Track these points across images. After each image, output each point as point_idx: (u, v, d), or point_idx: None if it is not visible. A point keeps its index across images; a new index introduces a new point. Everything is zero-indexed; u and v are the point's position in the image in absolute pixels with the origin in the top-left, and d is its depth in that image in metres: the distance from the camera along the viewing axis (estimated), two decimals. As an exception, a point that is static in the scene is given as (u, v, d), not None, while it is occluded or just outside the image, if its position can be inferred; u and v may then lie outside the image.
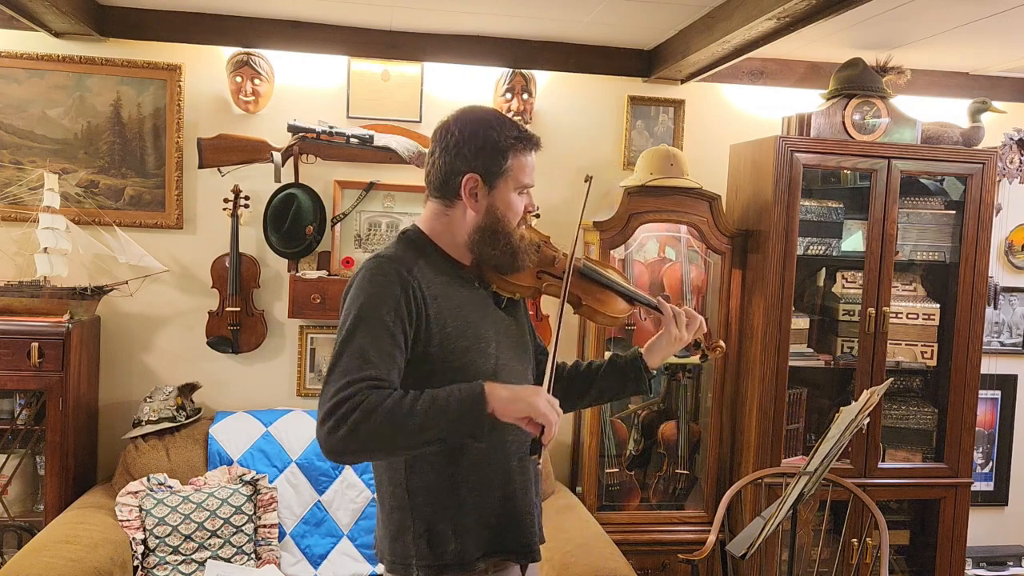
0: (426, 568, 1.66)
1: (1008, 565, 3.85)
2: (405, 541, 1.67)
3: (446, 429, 1.50)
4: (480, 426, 1.51)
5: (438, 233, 1.73)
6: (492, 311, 1.76)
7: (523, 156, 1.69)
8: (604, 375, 1.93)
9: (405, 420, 1.48)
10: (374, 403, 1.48)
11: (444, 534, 1.66)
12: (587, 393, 1.95)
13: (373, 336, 1.56)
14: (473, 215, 1.68)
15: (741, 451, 3.37)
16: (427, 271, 1.66)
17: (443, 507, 1.66)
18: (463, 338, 1.65)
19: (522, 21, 3.20)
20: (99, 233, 3.27)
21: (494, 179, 1.67)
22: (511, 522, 1.72)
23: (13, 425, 3.08)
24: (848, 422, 2.24)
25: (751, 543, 2.27)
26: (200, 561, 2.88)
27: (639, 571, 2.96)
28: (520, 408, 1.52)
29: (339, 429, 1.47)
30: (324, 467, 3.14)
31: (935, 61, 3.59)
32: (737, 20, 2.75)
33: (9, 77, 3.26)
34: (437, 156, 1.70)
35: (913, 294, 3.47)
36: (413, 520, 1.67)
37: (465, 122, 1.69)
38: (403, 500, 1.68)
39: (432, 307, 1.63)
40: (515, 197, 1.70)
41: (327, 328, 3.47)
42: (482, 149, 1.65)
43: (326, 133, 3.27)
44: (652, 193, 3.26)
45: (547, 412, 1.52)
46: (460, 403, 1.51)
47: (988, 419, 3.93)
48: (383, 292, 1.60)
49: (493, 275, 1.75)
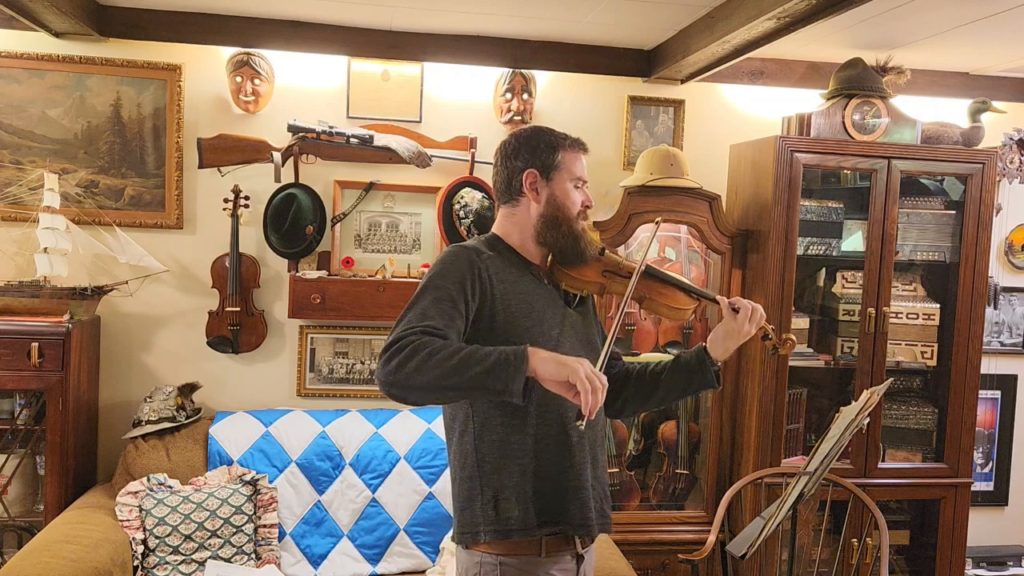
0: (493, 533, 1.79)
1: (1008, 565, 3.85)
2: (474, 509, 1.81)
3: (483, 376, 1.58)
4: (513, 380, 1.57)
5: (508, 233, 1.92)
6: (560, 306, 1.91)
7: (573, 152, 1.92)
8: (670, 372, 2.01)
9: (447, 359, 1.58)
10: (425, 343, 1.61)
11: (509, 500, 1.78)
12: (654, 393, 2.02)
13: (436, 300, 1.71)
14: (536, 206, 1.88)
15: (741, 451, 3.37)
16: (497, 261, 1.85)
17: (508, 473, 1.79)
18: (527, 318, 1.80)
19: (522, 21, 3.20)
20: (99, 233, 3.27)
21: (550, 171, 1.88)
22: (569, 494, 1.82)
23: (13, 425, 3.08)
24: (848, 422, 2.24)
25: (751, 543, 2.27)
26: (200, 561, 2.88)
27: (639, 571, 2.96)
28: (562, 372, 1.57)
29: (391, 362, 1.60)
30: (324, 467, 3.15)
31: (935, 61, 3.59)
32: (737, 20, 2.75)
33: (9, 77, 3.26)
34: (500, 165, 1.93)
35: (913, 294, 3.47)
36: (482, 488, 1.80)
37: (520, 132, 1.95)
38: (473, 469, 1.81)
39: (499, 288, 1.79)
40: (572, 189, 1.89)
41: (327, 328, 3.47)
42: (536, 147, 1.89)
43: (326, 133, 3.27)
44: (652, 193, 3.26)
45: (589, 378, 1.55)
46: (500, 354, 1.59)
47: (988, 419, 3.93)
48: (451, 268, 1.77)
49: (561, 271, 1.91)
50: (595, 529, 1.86)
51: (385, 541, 3.11)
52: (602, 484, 1.92)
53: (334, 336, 3.49)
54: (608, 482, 1.97)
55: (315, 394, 3.50)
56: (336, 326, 3.48)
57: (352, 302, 3.26)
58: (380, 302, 3.28)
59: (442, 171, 3.44)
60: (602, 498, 1.91)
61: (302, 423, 3.22)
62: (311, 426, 3.21)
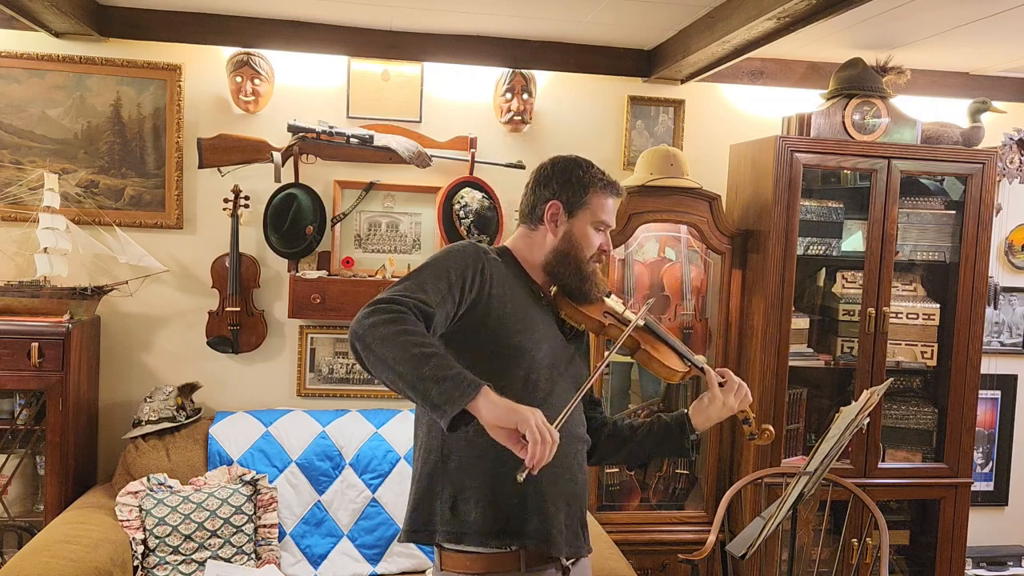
0: (446, 534, 1.74)
1: (1008, 565, 3.85)
2: (432, 507, 1.75)
3: (429, 382, 1.47)
4: (453, 403, 1.46)
5: (519, 249, 1.91)
6: (555, 331, 1.87)
7: (603, 196, 1.88)
8: (646, 431, 1.98)
9: (413, 346, 1.50)
10: (408, 320, 1.55)
11: (468, 502, 1.73)
12: (623, 447, 2.00)
13: (434, 277, 1.67)
14: (552, 239, 1.86)
15: (741, 451, 3.38)
16: (502, 267, 1.82)
17: (471, 474, 1.73)
18: (519, 323, 1.77)
19: (522, 21, 3.20)
20: (99, 233, 3.27)
21: (574, 209, 1.86)
22: (534, 506, 1.74)
23: (13, 425, 3.08)
24: (848, 422, 2.24)
25: (751, 543, 2.27)
26: (200, 561, 2.88)
27: (639, 571, 2.96)
28: (511, 418, 1.46)
29: (370, 317, 1.54)
30: (324, 467, 3.15)
31: (935, 61, 3.59)
32: (737, 20, 2.75)
33: (9, 77, 3.26)
34: (530, 187, 1.91)
35: (913, 294, 3.47)
36: (443, 485, 1.75)
37: (558, 161, 1.91)
38: (436, 465, 1.76)
39: (497, 289, 1.76)
40: (592, 231, 1.87)
41: (327, 328, 3.47)
42: (567, 181, 1.86)
43: (326, 133, 3.27)
44: (652, 193, 3.26)
45: (540, 429, 1.45)
46: (459, 375, 1.48)
47: (988, 419, 3.93)
48: (457, 255, 1.75)
49: (564, 303, 1.88)
50: (560, 548, 1.76)
51: (385, 541, 3.11)
52: (579, 502, 1.83)
53: (334, 336, 3.49)
54: (587, 504, 1.88)
55: (315, 394, 3.50)
56: (336, 326, 3.48)
57: (352, 302, 3.26)
58: (380, 302, 3.27)
59: (442, 171, 3.44)
60: (575, 517, 1.81)
61: (302, 423, 3.22)
62: (311, 426, 3.21)
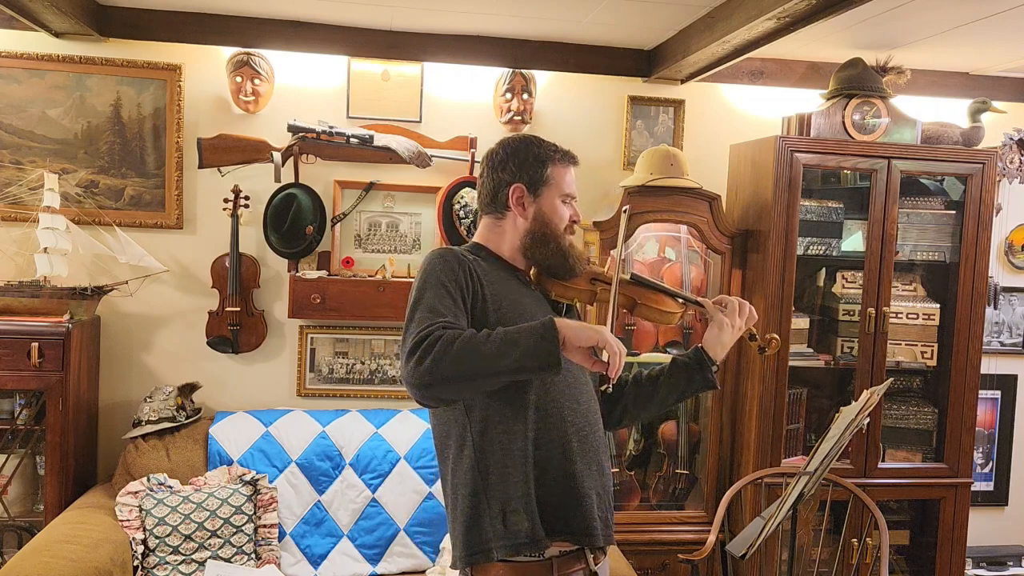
0: (504, 549, 1.71)
1: (1008, 565, 3.85)
2: (482, 525, 1.72)
3: (521, 356, 1.56)
4: (553, 352, 1.56)
5: (491, 241, 1.90)
6: (548, 309, 1.88)
7: (563, 167, 1.87)
8: (668, 375, 2.00)
9: (482, 346, 1.57)
10: (453, 336, 1.58)
11: (517, 512, 1.71)
12: (654, 397, 2.01)
13: (438, 296, 1.69)
14: (523, 222, 1.86)
15: (741, 451, 3.37)
16: (484, 264, 1.82)
17: (513, 483, 1.72)
18: (519, 318, 1.75)
19: (522, 21, 3.20)
20: (99, 233, 3.27)
21: (538, 187, 1.85)
22: (573, 502, 1.76)
23: (13, 425, 3.08)
24: (848, 422, 2.24)
25: (751, 543, 2.27)
26: (200, 561, 2.88)
27: (639, 571, 2.96)
28: (590, 336, 1.57)
29: (424, 360, 1.57)
30: (324, 467, 3.15)
31: (935, 61, 3.59)
32: (737, 20, 2.75)
33: (9, 77, 3.26)
34: (486, 176, 1.89)
35: (913, 294, 3.47)
36: (489, 501, 1.72)
37: (508, 142, 1.89)
38: (477, 483, 1.73)
39: (488, 288, 1.77)
40: (560, 204, 1.87)
41: (327, 328, 3.47)
42: (525, 161, 1.85)
43: (326, 133, 3.27)
44: (652, 193, 3.26)
45: (614, 341, 1.58)
46: (531, 330, 1.58)
47: (988, 419, 3.93)
48: (442, 266, 1.75)
49: (551, 282, 1.89)
50: (599, 539, 1.78)
51: (385, 541, 3.11)
52: (608, 493, 1.85)
53: (334, 336, 3.49)
54: (612, 490, 1.92)
55: (315, 394, 3.50)
56: (336, 326, 3.48)
57: (352, 302, 3.27)
58: (380, 302, 3.28)
59: (442, 171, 3.44)
60: (607, 508, 1.84)
61: (302, 423, 3.22)
62: (311, 426, 3.21)
